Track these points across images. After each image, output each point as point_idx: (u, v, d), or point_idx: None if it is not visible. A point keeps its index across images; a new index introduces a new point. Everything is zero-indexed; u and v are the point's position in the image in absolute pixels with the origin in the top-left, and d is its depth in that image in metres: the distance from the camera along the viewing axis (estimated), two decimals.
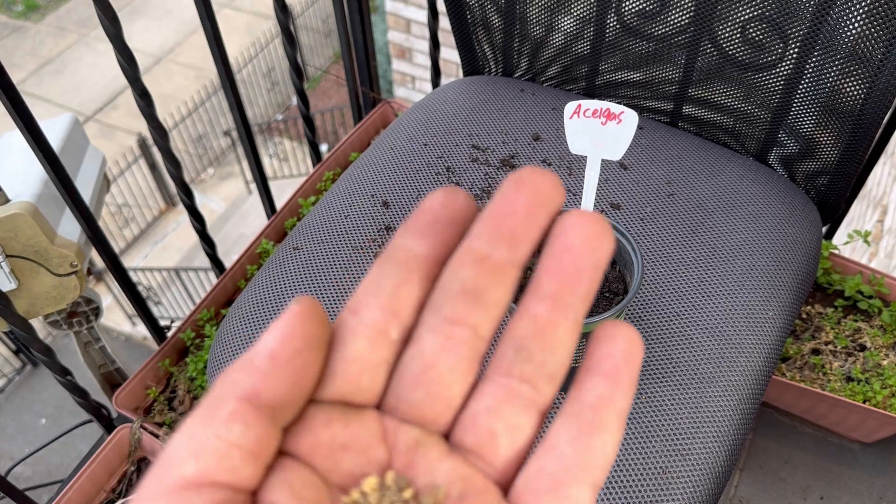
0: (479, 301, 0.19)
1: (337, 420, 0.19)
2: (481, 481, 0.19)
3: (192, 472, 0.16)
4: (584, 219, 0.19)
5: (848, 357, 0.81)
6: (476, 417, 0.19)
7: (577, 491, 0.18)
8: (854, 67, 0.58)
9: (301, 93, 0.96)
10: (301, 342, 0.18)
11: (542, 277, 0.19)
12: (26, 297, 0.74)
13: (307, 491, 0.17)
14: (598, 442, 0.19)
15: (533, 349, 0.19)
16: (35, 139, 0.65)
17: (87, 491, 0.81)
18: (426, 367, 0.19)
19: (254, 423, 0.17)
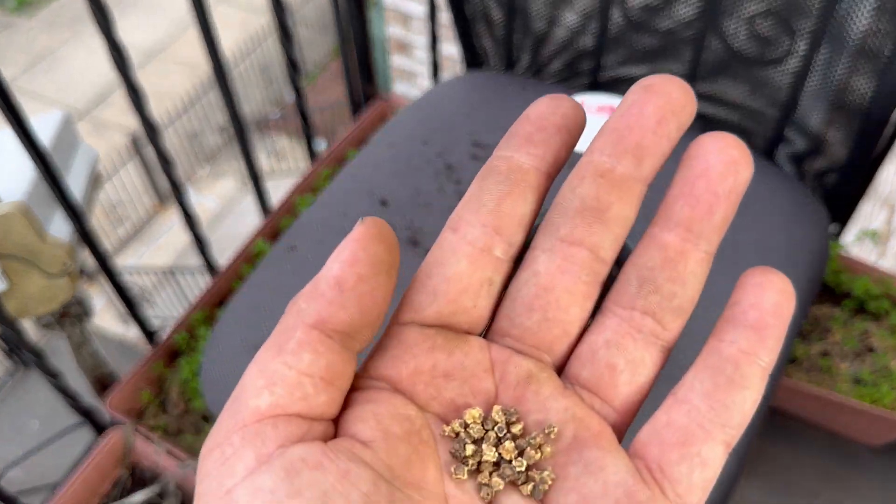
0: (600, 219, 0.18)
1: (440, 347, 0.18)
2: (597, 424, 0.18)
3: (265, 405, 0.16)
4: (723, 142, 0.17)
5: (856, 359, 0.80)
6: (595, 351, 0.18)
7: (708, 449, 0.17)
8: (862, 63, 0.56)
9: (298, 89, 0.94)
10: (366, 267, 0.16)
11: (674, 203, 0.18)
12: (17, 298, 0.72)
13: (395, 424, 0.17)
14: (737, 399, 0.17)
15: (660, 280, 0.18)
16: (25, 137, 0.63)
17: (80, 495, 0.80)
18: (542, 291, 0.18)
19: (323, 350, 0.16)
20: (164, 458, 0.81)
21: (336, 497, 0.15)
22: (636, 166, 0.18)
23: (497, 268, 0.18)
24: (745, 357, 0.17)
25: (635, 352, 0.18)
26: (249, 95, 4.71)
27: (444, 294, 0.18)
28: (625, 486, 0.17)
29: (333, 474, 0.15)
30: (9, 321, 0.72)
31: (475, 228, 0.18)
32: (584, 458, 0.17)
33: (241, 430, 0.15)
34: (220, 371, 0.56)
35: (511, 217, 0.18)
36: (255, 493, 0.15)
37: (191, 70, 4.84)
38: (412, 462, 0.16)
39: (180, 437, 0.85)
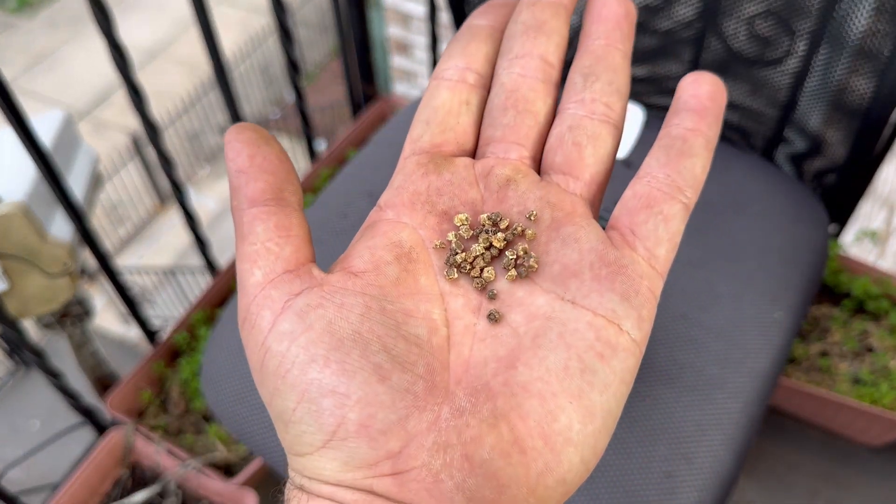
0: (540, 31, 0.23)
1: (432, 171, 0.22)
2: (570, 205, 0.21)
3: (260, 277, 0.20)
4: None
5: (855, 359, 0.80)
6: (561, 136, 0.22)
7: (669, 207, 0.20)
8: (861, 63, 0.57)
9: (298, 89, 0.95)
10: (249, 148, 0.20)
11: (590, 26, 0.23)
12: (18, 298, 0.73)
13: (386, 252, 0.20)
14: (687, 164, 0.21)
15: (598, 71, 0.22)
16: (26, 137, 0.63)
17: (80, 495, 0.80)
18: (510, 93, 0.22)
19: (265, 216, 0.20)
20: (165, 458, 0.81)
21: (338, 321, 0.19)
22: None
23: (472, 91, 0.23)
24: (690, 133, 0.21)
25: (593, 128, 0.22)
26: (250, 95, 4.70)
27: (433, 120, 0.22)
28: (596, 251, 0.20)
29: (332, 308, 0.19)
30: (9, 321, 0.72)
31: (449, 70, 0.23)
32: (562, 235, 0.20)
33: (254, 301, 0.20)
34: (221, 371, 0.56)
35: (476, 55, 0.23)
36: (281, 336, 0.19)
37: (191, 70, 4.84)
38: (402, 279, 0.20)
39: (181, 437, 0.85)
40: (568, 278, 0.20)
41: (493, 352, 0.19)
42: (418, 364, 0.19)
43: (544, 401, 0.18)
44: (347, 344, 0.18)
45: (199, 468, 0.80)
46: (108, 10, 0.63)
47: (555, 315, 0.19)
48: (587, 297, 0.19)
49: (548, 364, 0.19)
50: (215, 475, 0.79)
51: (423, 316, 0.20)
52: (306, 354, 0.18)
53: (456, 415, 0.18)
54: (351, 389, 0.18)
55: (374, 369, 0.18)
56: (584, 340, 0.19)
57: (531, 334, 0.19)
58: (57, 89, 4.67)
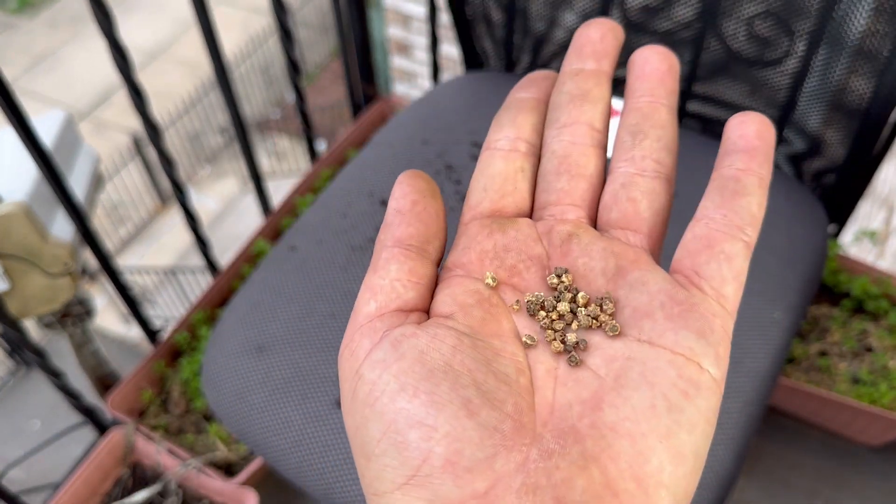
0: (585, 100, 0.24)
1: (497, 231, 0.22)
2: (633, 253, 0.21)
3: (373, 309, 0.20)
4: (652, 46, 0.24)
5: (855, 358, 0.80)
6: (615, 193, 0.22)
7: (730, 246, 0.20)
8: (861, 64, 0.57)
9: (298, 90, 0.95)
10: (415, 194, 0.22)
11: (634, 83, 0.24)
12: (19, 298, 0.73)
13: (468, 297, 0.21)
14: (743, 203, 0.21)
15: (646, 129, 0.23)
16: (28, 137, 0.63)
17: (81, 494, 0.80)
18: (561, 160, 0.23)
19: (404, 259, 0.21)
20: (166, 458, 0.81)
21: (430, 352, 0.19)
22: (598, 64, 0.24)
23: (525, 159, 0.24)
24: (742, 173, 0.21)
25: (646, 184, 0.22)
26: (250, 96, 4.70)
27: (491, 187, 0.23)
28: (666, 291, 0.20)
29: (425, 338, 0.19)
30: (10, 321, 0.72)
31: (501, 140, 0.24)
32: (629, 281, 0.21)
33: (359, 330, 0.20)
34: (222, 370, 0.56)
35: (525, 126, 0.24)
36: (374, 364, 0.19)
37: (192, 70, 4.84)
38: (487, 321, 0.21)
39: (181, 437, 0.85)
40: (640, 319, 0.20)
41: (576, 395, 0.19)
42: (507, 402, 0.19)
43: (634, 441, 0.18)
44: (438, 375, 0.18)
45: (199, 468, 0.80)
46: (109, 10, 0.63)
47: (634, 356, 0.19)
48: (662, 335, 0.19)
49: (633, 403, 0.18)
50: (216, 474, 0.79)
51: (510, 356, 0.20)
52: (397, 383, 0.18)
53: (545, 456, 0.18)
54: (439, 422, 0.18)
55: (464, 403, 0.18)
56: (666, 378, 0.19)
57: (612, 375, 0.19)
58: (58, 89, 4.67)
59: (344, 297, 0.56)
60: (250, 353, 0.55)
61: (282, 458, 0.52)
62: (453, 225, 0.61)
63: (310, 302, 0.56)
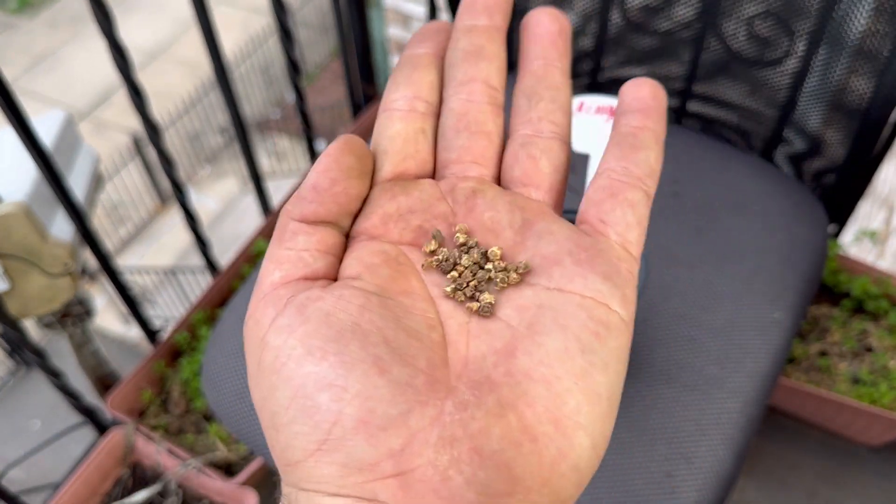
0: (480, 56, 0.23)
1: (399, 193, 0.22)
2: (537, 206, 0.22)
3: (277, 278, 0.20)
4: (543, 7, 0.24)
5: (855, 358, 0.80)
6: (516, 154, 0.23)
7: (632, 194, 0.21)
8: (861, 64, 0.57)
9: (298, 90, 0.95)
10: (337, 173, 0.21)
11: (527, 46, 0.24)
12: (18, 298, 0.73)
13: (374, 257, 0.20)
14: (641, 156, 0.21)
15: (540, 91, 0.23)
16: (27, 137, 0.63)
17: (81, 495, 0.80)
18: (460, 117, 0.23)
19: (312, 231, 0.20)
20: (166, 458, 0.81)
21: (337, 313, 0.19)
22: (490, 19, 0.24)
23: (424, 120, 0.23)
24: (639, 130, 0.22)
25: (544, 143, 0.23)
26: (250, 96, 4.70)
27: (391, 149, 0.23)
28: (572, 239, 0.21)
29: (331, 300, 0.19)
30: (10, 321, 0.72)
31: (399, 101, 0.23)
32: (535, 231, 0.21)
33: (263, 298, 0.20)
34: (222, 370, 0.56)
35: (422, 84, 0.23)
36: (279, 331, 0.19)
37: (192, 70, 4.84)
38: (396, 279, 0.20)
39: (181, 437, 0.85)
40: (549, 267, 0.20)
41: (489, 346, 0.19)
42: (419, 358, 0.18)
43: (550, 385, 0.18)
44: (346, 335, 0.18)
45: (199, 468, 0.80)
46: (109, 10, 0.63)
47: (544, 303, 0.19)
48: (572, 281, 0.20)
49: (547, 348, 0.18)
50: (216, 475, 0.79)
51: (420, 313, 0.20)
52: (303, 347, 0.18)
53: (460, 408, 0.18)
54: (349, 382, 0.17)
55: (374, 361, 0.18)
56: (578, 321, 0.19)
57: (525, 324, 0.19)
58: (58, 89, 4.67)
59: None
60: None
61: None
62: None
63: None
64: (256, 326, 0.19)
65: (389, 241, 0.21)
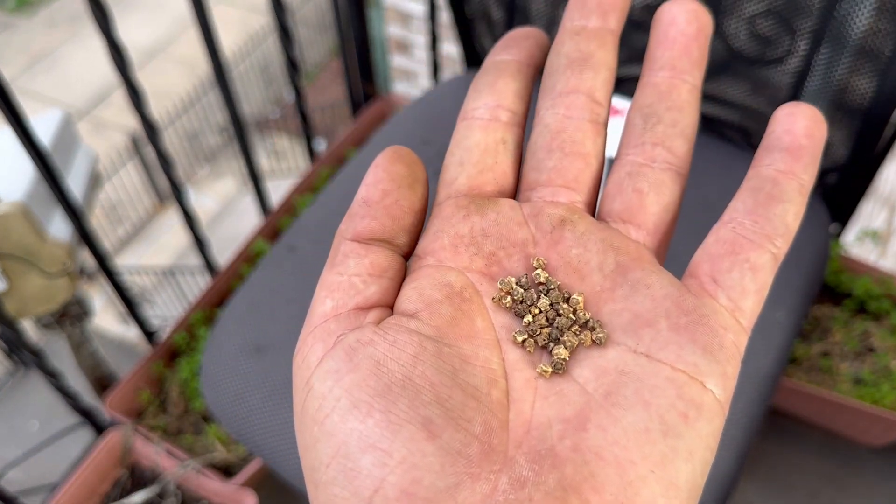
0: (586, 65, 0.20)
1: (474, 212, 0.19)
2: (635, 249, 0.19)
3: (329, 308, 0.18)
4: (680, 2, 0.20)
5: (856, 359, 0.80)
6: (620, 183, 0.20)
7: (757, 256, 0.18)
8: (863, 63, 0.56)
9: (297, 89, 0.94)
10: (389, 184, 0.19)
11: (654, 51, 0.20)
12: (16, 298, 0.72)
13: (436, 292, 0.18)
14: (779, 211, 0.18)
15: (660, 111, 0.20)
16: (25, 137, 0.63)
17: (79, 496, 0.80)
18: (555, 134, 0.20)
19: (365, 252, 0.19)
20: (164, 458, 0.81)
21: (388, 363, 0.17)
22: (604, 20, 0.21)
23: (507, 129, 0.21)
24: (782, 175, 0.19)
25: (655, 175, 0.20)
26: (249, 95, 4.70)
27: (468, 160, 0.20)
28: (672, 297, 0.18)
29: (382, 345, 0.17)
30: (8, 321, 0.72)
31: (479, 109, 0.21)
32: (630, 280, 0.18)
33: (313, 332, 0.18)
34: (220, 371, 0.56)
35: (506, 92, 0.21)
36: (325, 375, 0.17)
37: (190, 69, 4.84)
38: (457, 319, 0.18)
39: (180, 437, 0.85)
40: (640, 328, 0.17)
41: (558, 411, 0.17)
42: (475, 421, 0.16)
43: (623, 470, 0.16)
44: (395, 390, 0.16)
45: (198, 468, 0.79)
46: (107, 9, 0.63)
47: (628, 370, 0.17)
48: (664, 348, 0.17)
49: (625, 425, 0.16)
50: (214, 475, 0.79)
51: (482, 364, 0.17)
52: (349, 398, 0.16)
53: (516, 486, 0.15)
54: (395, 446, 0.15)
55: (424, 424, 0.16)
56: (664, 398, 0.16)
57: (602, 391, 0.17)
58: (56, 89, 4.67)
59: None
60: (249, 353, 0.55)
61: (280, 460, 0.52)
62: None
63: (309, 302, 0.56)
64: (304, 364, 0.18)
65: (457, 267, 0.19)
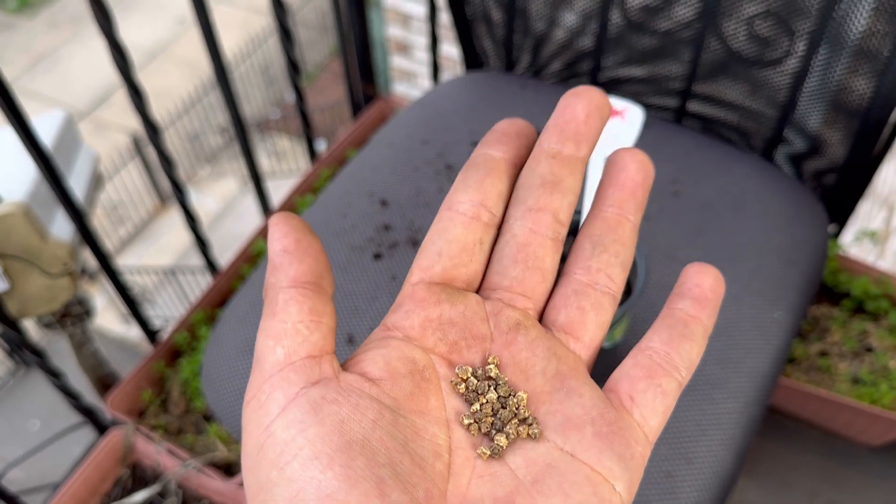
0: (556, 189, 0.23)
1: (445, 301, 0.22)
2: (573, 360, 0.22)
3: (281, 356, 0.19)
4: (633, 151, 0.23)
5: (855, 358, 0.80)
6: (567, 298, 0.23)
7: (667, 382, 0.21)
8: (861, 64, 0.57)
9: (298, 90, 0.95)
10: (296, 233, 0.21)
11: (606, 190, 0.23)
12: (18, 298, 0.73)
13: (401, 365, 0.20)
14: (686, 347, 0.22)
15: (607, 242, 0.23)
16: (27, 137, 0.63)
17: (81, 495, 0.80)
18: (521, 247, 0.23)
19: (302, 299, 0.20)
20: (165, 458, 0.81)
21: (350, 423, 0.18)
22: (577, 148, 0.23)
23: (485, 231, 0.23)
24: (691, 319, 0.22)
25: (596, 297, 0.23)
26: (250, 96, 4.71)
27: (446, 253, 0.23)
28: (598, 408, 0.21)
29: (347, 407, 0.19)
30: (10, 321, 0.72)
31: (464, 204, 0.23)
32: (566, 387, 0.21)
33: (269, 380, 0.19)
34: (221, 371, 0.56)
35: (491, 193, 0.23)
36: (289, 424, 0.18)
37: (191, 70, 4.84)
38: (415, 395, 0.20)
39: (181, 437, 0.85)
40: (569, 430, 0.20)
41: (490, 490, 0.19)
42: (419, 487, 0.18)
43: None
44: (355, 448, 0.18)
45: (199, 468, 0.80)
46: (109, 9, 0.63)
47: (555, 463, 0.20)
48: (587, 451, 0.20)
49: None
50: (216, 475, 0.79)
51: (430, 438, 0.20)
52: (311, 449, 0.18)
53: None
54: (350, 499, 0.17)
55: (377, 482, 0.18)
56: (582, 493, 0.19)
57: (530, 478, 0.19)
58: (57, 89, 4.67)
59: (344, 297, 0.56)
60: (250, 353, 0.55)
61: None
62: None
63: None
64: (261, 410, 0.19)
65: (423, 347, 0.21)
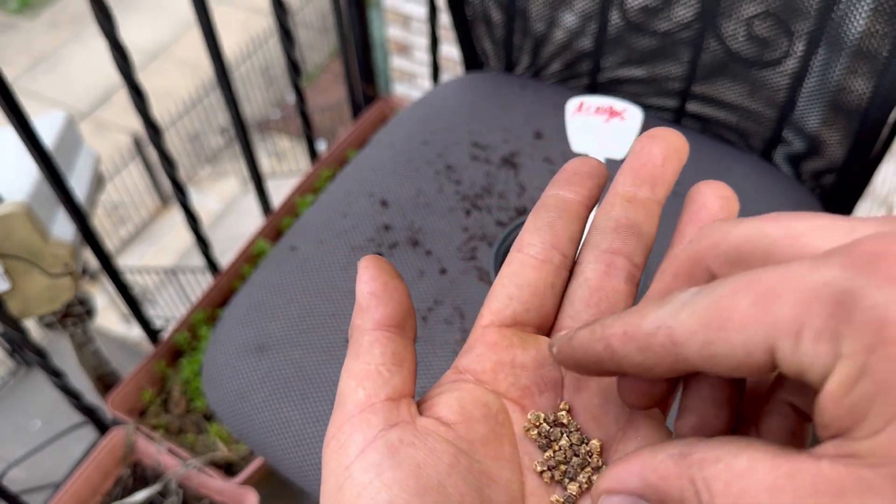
0: (631, 233, 0.23)
1: (517, 344, 0.22)
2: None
3: (363, 397, 0.20)
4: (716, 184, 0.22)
5: None
6: None
7: None
8: (860, 64, 0.57)
9: (298, 90, 0.95)
10: (383, 276, 0.21)
11: (685, 227, 0.22)
12: (19, 298, 0.73)
13: (475, 409, 0.20)
14: None
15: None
16: (29, 138, 0.64)
17: (82, 494, 0.80)
18: (594, 291, 0.22)
19: (386, 342, 0.20)
20: (166, 457, 0.81)
21: (426, 467, 0.19)
22: (653, 192, 0.23)
23: (557, 274, 0.23)
24: None
25: None
26: (251, 96, 4.71)
27: (518, 297, 0.22)
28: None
29: (423, 450, 0.19)
30: (11, 321, 0.73)
31: (536, 246, 0.23)
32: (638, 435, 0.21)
33: (350, 421, 0.20)
34: (222, 370, 0.56)
35: (563, 235, 0.23)
36: (367, 466, 0.19)
37: (192, 70, 4.84)
38: (489, 440, 0.20)
39: (182, 436, 0.85)
40: None
41: None
42: None
43: None
44: (430, 494, 0.18)
45: (200, 467, 0.80)
46: (110, 10, 0.63)
47: None
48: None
49: None
50: (216, 474, 0.80)
51: (504, 483, 0.20)
52: (388, 493, 0.18)
53: None
54: None
55: None
56: None
57: None
58: (58, 90, 4.68)
59: (344, 296, 0.56)
60: (251, 352, 0.55)
61: (282, 458, 0.52)
62: (454, 222, 0.61)
63: (310, 302, 0.56)
64: (341, 450, 0.19)
65: (495, 391, 0.21)
